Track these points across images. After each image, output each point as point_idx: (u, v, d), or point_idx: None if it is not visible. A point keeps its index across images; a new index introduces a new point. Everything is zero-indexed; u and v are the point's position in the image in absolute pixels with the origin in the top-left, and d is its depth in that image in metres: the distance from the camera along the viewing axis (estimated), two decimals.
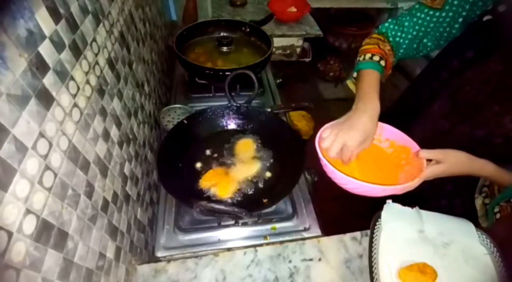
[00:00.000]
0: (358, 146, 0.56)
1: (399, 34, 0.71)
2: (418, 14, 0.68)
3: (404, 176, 0.60)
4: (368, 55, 0.68)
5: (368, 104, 0.59)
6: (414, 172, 0.57)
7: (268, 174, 0.75)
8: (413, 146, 0.59)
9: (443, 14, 0.65)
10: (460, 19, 0.64)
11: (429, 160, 0.55)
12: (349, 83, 0.78)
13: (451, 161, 0.54)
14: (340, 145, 0.56)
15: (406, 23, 0.70)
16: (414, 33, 0.70)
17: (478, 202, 0.63)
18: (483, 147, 0.55)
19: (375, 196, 0.55)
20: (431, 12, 0.66)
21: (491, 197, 0.61)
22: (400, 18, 0.71)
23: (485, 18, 0.59)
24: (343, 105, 0.69)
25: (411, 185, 0.52)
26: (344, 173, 0.54)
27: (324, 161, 0.56)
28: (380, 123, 0.61)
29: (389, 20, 0.73)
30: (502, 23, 0.56)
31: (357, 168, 0.62)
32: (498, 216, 0.58)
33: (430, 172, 0.54)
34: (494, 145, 0.59)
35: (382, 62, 0.67)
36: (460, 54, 0.64)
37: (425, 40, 0.71)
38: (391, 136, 0.64)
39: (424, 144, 0.58)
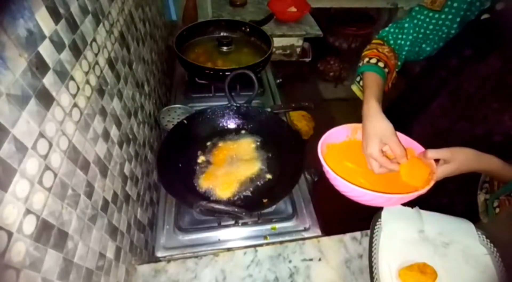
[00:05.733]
0: (379, 150, 0.55)
1: (400, 36, 0.72)
2: (418, 16, 0.69)
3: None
4: (366, 60, 0.71)
5: (366, 106, 0.61)
6: (422, 173, 0.54)
7: (268, 174, 0.75)
8: (416, 146, 0.58)
9: (443, 16, 0.65)
10: (458, 19, 0.64)
11: (436, 160, 0.53)
12: (353, 88, 0.79)
13: (460, 159, 0.52)
14: (371, 160, 0.56)
15: (406, 25, 0.71)
16: (415, 35, 0.71)
17: (481, 198, 0.63)
18: (483, 144, 0.55)
19: (380, 206, 0.54)
20: (430, 14, 0.67)
21: (491, 193, 0.61)
22: (400, 21, 0.73)
23: (483, 17, 0.59)
24: (343, 105, 0.70)
25: (422, 192, 0.50)
26: (347, 180, 0.52)
27: (326, 168, 0.55)
28: None
29: (390, 24, 0.75)
30: (500, 21, 0.57)
31: (361, 175, 0.59)
32: (497, 210, 0.58)
33: (441, 172, 0.52)
34: (493, 142, 0.59)
35: (380, 64, 0.69)
36: (459, 52, 0.64)
37: (424, 45, 0.72)
38: None
39: (424, 142, 0.57)
